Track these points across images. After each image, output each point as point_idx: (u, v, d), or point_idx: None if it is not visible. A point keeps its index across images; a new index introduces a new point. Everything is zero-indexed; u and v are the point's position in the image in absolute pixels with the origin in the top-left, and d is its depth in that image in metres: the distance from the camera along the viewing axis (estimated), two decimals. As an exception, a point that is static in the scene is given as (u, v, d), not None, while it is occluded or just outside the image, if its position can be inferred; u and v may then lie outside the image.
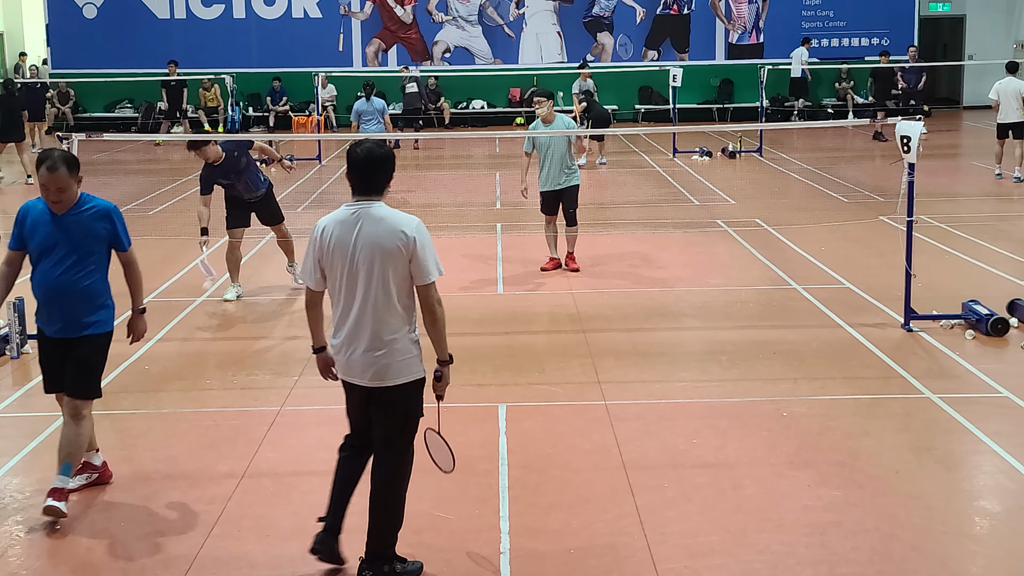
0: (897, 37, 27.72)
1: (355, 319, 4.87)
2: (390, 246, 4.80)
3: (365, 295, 4.84)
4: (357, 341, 4.88)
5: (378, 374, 4.90)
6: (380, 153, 4.94)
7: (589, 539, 5.47)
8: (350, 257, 4.84)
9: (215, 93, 26.55)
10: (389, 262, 4.81)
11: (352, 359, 4.93)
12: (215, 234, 10.97)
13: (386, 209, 4.90)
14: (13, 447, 6.78)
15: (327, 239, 4.89)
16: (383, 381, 4.90)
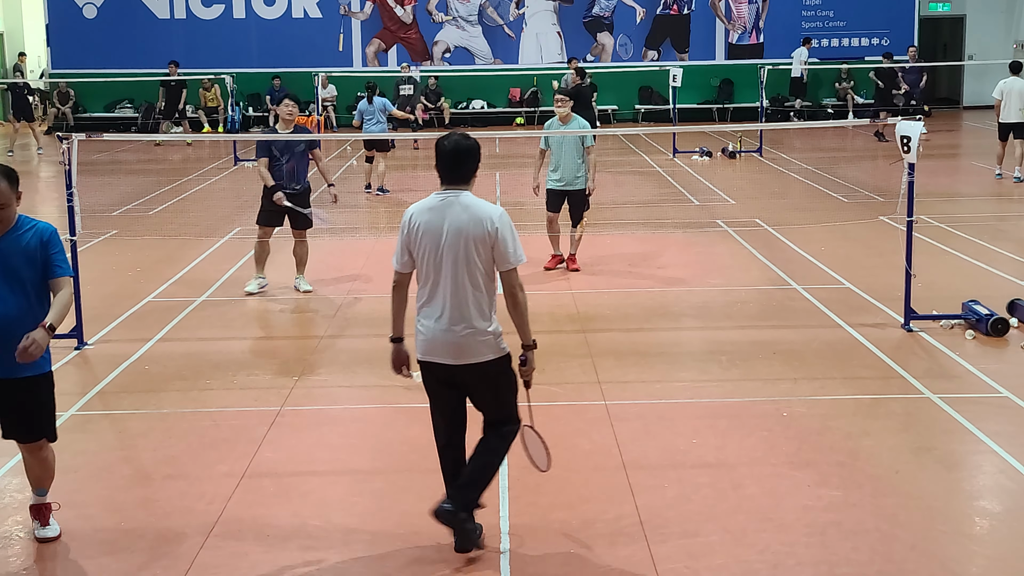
0: (897, 37, 27.73)
1: (442, 300, 5.14)
2: (476, 233, 5.10)
3: (452, 278, 5.11)
4: (443, 320, 5.13)
5: (462, 352, 5.13)
6: (467, 144, 5.24)
7: (589, 539, 5.47)
8: (439, 242, 5.12)
9: (215, 93, 26.56)
10: (474, 248, 5.10)
11: (436, 338, 5.15)
12: (216, 234, 10.97)
13: (472, 198, 5.22)
14: (13, 447, 6.72)
15: (415, 225, 5.17)
16: (467, 359, 5.14)
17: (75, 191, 8.85)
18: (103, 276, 11.27)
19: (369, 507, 5.88)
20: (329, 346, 8.92)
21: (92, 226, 13.00)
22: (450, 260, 5.11)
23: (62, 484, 6.26)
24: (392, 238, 12.64)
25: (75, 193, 8.84)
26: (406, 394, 7.69)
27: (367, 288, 10.73)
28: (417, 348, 5.26)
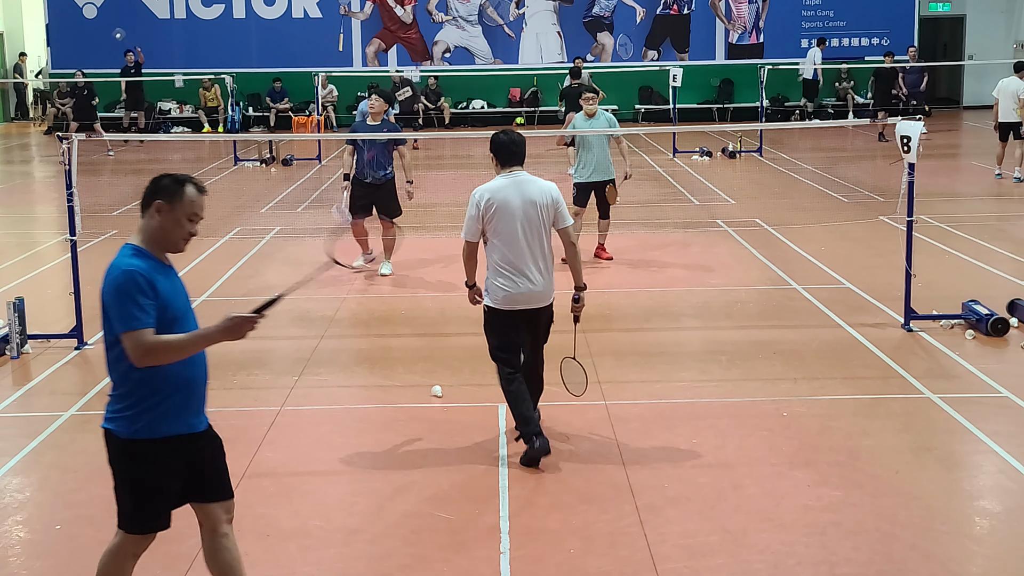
0: (897, 37, 27.72)
1: (523, 259, 6.39)
2: (542, 201, 6.40)
3: (528, 240, 6.39)
4: (525, 275, 6.41)
5: (544, 297, 6.51)
6: (519, 136, 6.55)
7: (589, 539, 5.47)
8: (516, 212, 6.35)
9: (215, 93, 26.55)
10: (543, 212, 6.40)
11: (520, 291, 6.41)
12: (216, 234, 10.99)
13: (529, 175, 6.52)
14: (13, 447, 6.77)
15: (490, 203, 6.39)
16: (546, 302, 6.54)
17: (75, 191, 8.84)
18: (103, 276, 11.24)
19: (369, 507, 5.88)
20: (329, 346, 8.91)
21: (92, 226, 12.98)
22: (526, 227, 6.38)
23: (62, 484, 6.28)
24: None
25: (75, 193, 8.84)
26: (406, 394, 7.70)
27: (367, 288, 10.72)
28: (500, 301, 6.43)
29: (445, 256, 12.24)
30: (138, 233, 4.28)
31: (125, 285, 4.11)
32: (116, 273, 4.15)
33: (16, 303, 8.57)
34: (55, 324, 9.21)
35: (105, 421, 4.27)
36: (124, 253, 4.22)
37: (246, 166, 20.73)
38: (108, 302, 4.15)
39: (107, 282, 4.16)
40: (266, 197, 16.73)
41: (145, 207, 4.26)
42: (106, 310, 4.18)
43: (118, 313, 4.11)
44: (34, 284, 11.08)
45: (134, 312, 4.08)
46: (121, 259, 4.19)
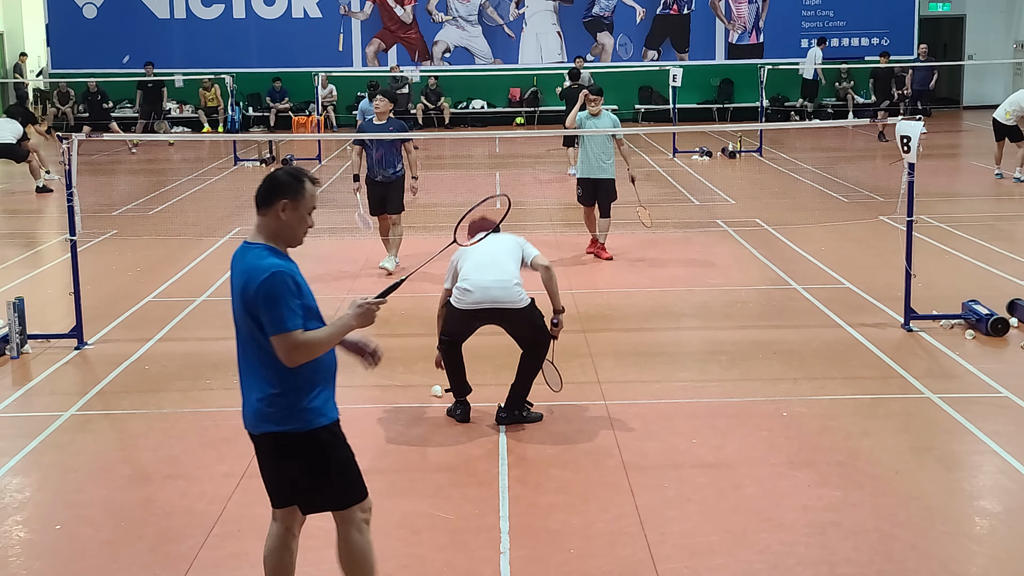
0: (897, 37, 27.72)
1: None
2: (516, 254, 7.15)
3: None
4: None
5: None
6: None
7: (589, 539, 5.47)
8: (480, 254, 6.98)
9: (215, 93, 26.55)
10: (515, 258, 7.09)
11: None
12: (216, 234, 11.00)
13: (501, 235, 6.99)
14: (13, 447, 6.78)
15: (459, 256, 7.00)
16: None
17: (75, 191, 8.84)
18: (103, 276, 11.27)
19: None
20: (329, 346, 8.91)
21: (92, 226, 13.00)
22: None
23: (62, 484, 6.28)
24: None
25: (75, 193, 8.84)
26: (406, 394, 7.70)
27: (368, 288, 10.72)
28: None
29: (445, 256, 12.24)
30: (260, 232, 4.26)
31: (277, 288, 4.11)
32: (264, 276, 4.11)
33: (16, 303, 8.58)
34: (55, 324, 9.21)
35: (267, 424, 4.25)
36: (260, 255, 4.20)
37: (246, 166, 20.73)
38: (258, 305, 4.12)
39: (256, 285, 4.12)
40: (266, 197, 16.70)
41: (267, 206, 4.25)
42: (252, 313, 4.15)
43: (270, 317, 4.11)
44: (34, 284, 11.08)
45: (286, 315, 4.10)
46: (262, 260, 4.16)
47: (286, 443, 4.28)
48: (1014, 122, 16.77)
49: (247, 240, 4.30)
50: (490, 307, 6.88)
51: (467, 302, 6.92)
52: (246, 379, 4.31)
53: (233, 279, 4.26)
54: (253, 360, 4.24)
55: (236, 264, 4.27)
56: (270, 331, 4.11)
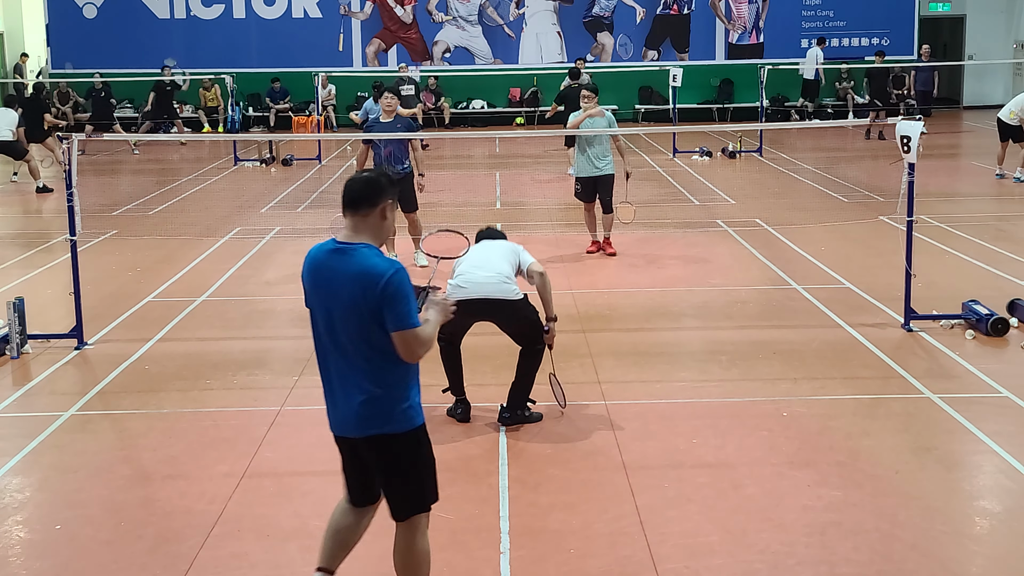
0: (897, 37, 27.73)
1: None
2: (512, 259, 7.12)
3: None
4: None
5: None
6: (492, 232, 7.29)
7: (589, 539, 5.47)
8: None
9: (215, 93, 26.55)
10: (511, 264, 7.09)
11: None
12: (216, 234, 10.99)
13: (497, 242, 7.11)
14: (13, 447, 6.78)
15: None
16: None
17: (75, 191, 8.84)
18: (103, 276, 11.27)
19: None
20: (329, 346, 8.91)
21: (92, 226, 13.00)
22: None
23: (62, 484, 6.28)
24: (398, 238, 12.55)
25: (75, 193, 8.84)
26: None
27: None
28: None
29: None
30: (362, 234, 4.28)
31: (404, 286, 4.18)
32: (391, 274, 4.15)
33: (16, 303, 8.58)
34: (55, 324, 9.21)
35: (373, 426, 4.28)
36: (374, 254, 4.23)
37: (246, 166, 20.73)
38: (383, 303, 4.14)
39: (384, 283, 4.14)
40: (266, 197, 16.73)
41: (371, 208, 4.27)
42: (371, 311, 4.16)
43: (397, 314, 4.15)
44: (34, 284, 11.08)
45: (412, 311, 4.19)
46: (381, 259, 4.21)
47: (389, 444, 4.30)
48: (1018, 122, 16.81)
49: (339, 240, 4.28)
50: (482, 299, 6.88)
51: (459, 296, 6.87)
52: (345, 383, 4.31)
53: (330, 281, 4.24)
54: (359, 362, 4.24)
55: (331, 265, 4.25)
56: (395, 327, 4.15)
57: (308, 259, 4.36)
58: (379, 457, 4.35)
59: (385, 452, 4.33)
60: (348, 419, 4.33)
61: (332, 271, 4.24)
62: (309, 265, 4.34)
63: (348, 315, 4.20)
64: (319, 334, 4.35)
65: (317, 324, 4.34)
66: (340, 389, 4.33)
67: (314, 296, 4.31)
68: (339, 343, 4.28)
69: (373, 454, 4.36)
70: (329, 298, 4.24)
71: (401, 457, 4.34)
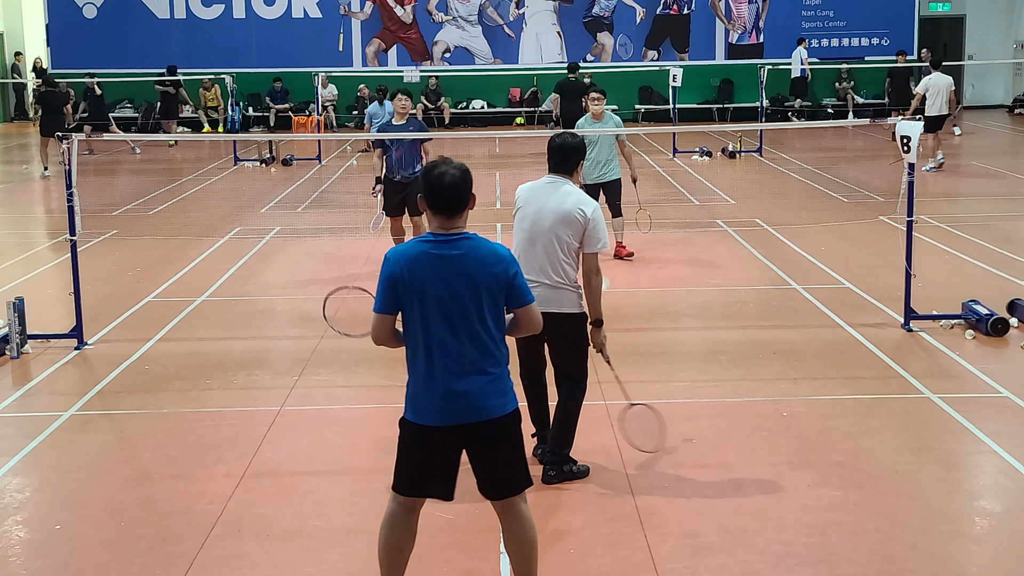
0: (897, 37, 27.74)
1: (534, 261, 6.01)
2: (573, 215, 5.94)
3: (544, 244, 6.01)
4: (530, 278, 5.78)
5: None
6: (572, 142, 6.13)
7: (589, 539, 5.47)
8: (540, 214, 6.02)
9: (215, 93, 26.55)
10: (570, 226, 5.95)
11: None
12: (216, 234, 10.98)
13: (572, 188, 6.08)
14: (13, 447, 6.77)
15: (522, 196, 6.20)
16: (559, 308, 6.09)
17: (75, 191, 8.84)
18: (103, 276, 11.27)
19: (369, 507, 5.87)
20: (329, 346, 8.90)
21: (92, 226, 12.99)
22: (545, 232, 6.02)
23: (62, 484, 6.28)
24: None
25: (75, 193, 8.84)
26: (406, 394, 7.69)
27: (368, 288, 10.72)
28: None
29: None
30: (458, 224, 4.46)
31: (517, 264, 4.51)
32: (506, 252, 4.45)
33: (16, 303, 8.57)
34: (55, 324, 9.21)
35: (493, 408, 4.45)
36: (484, 241, 4.47)
37: (246, 166, 20.73)
38: (511, 280, 4.42)
39: (508, 263, 4.42)
40: (266, 197, 16.73)
41: (468, 200, 4.46)
42: (502, 291, 4.41)
43: (521, 290, 4.46)
44: (34, 284, 11.08)
45: (528, 286, 4.57)
46: (493, 245, 4.49)
47: (507, 424, 4.50)
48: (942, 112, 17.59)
49: (444, 233, 4.41)
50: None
51: None
52: (466, 369, 4.39)
53: (448, 268, 4.36)
54: (484, 343, 4.40)
55: (455, 253, 4.37)
56: (524, 303, 4.47)
57: (407, 258, 4.42)
58: (496, 440, 4.48)
59: (500, 434, 4.49)
60: (468, 406, 4.41)
61: (444, 261, 4.38)
62: (409, 262, 4.41)
63: (473, 298, 4.37)
64: (428, 328, 4.40)
65: (428, 317, 4.40)
66: (461, 377, 4.39)
67: (427, 289, 4.38)
68: (458, 332, 4.38)
69: (486, 438, 4.47)
70: (447, 286, 4.36)
71: (513, 437, 4.54)
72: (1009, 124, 27.03)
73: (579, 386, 6.23)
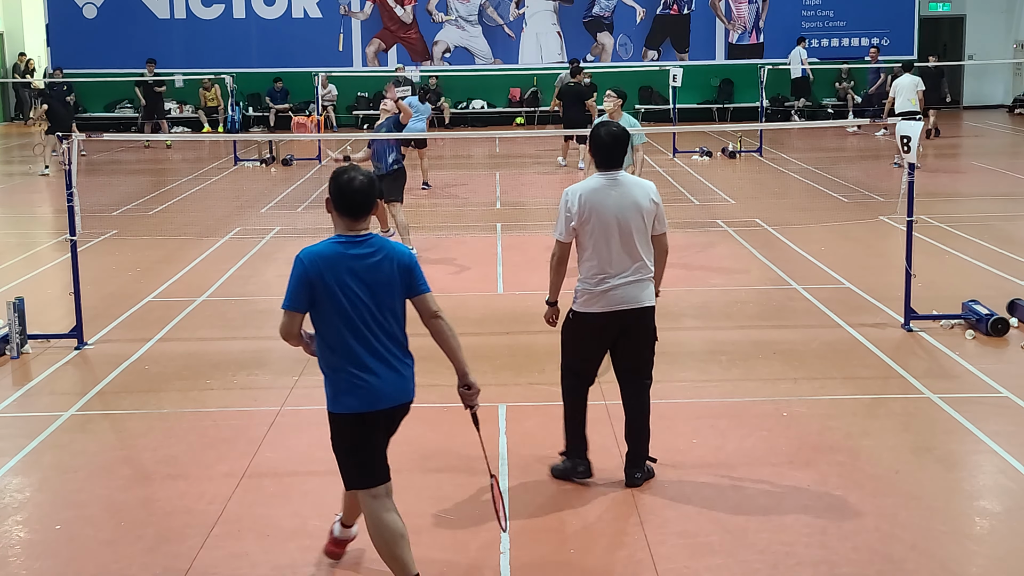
0: (897, 37, 27.74)
1: (614, 260, 6.09)
2: (645, 204, 6.02)
3: (623, 240, 6.03)
4: (614, 276, 6.16)
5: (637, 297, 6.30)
6: (619, 133, 6.07)
7: (589, 539, 5.47)
8: (609, 214, 5.98)
9: (215, 93, 26.55)
10: (644, 215, 6.04)
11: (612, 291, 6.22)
12: (216, 234, 10.95)
13: (631, 177, 6.16)
14: (13, 447, 6.78)
15: (583, 204, 5.99)
16: (642, 302, 6.32)
17: (75, 191, 8.84)
18: (103, 276, 11.27)
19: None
20: (329, 346, 8.91)
21: (92, 226, 13.00)
22: (620, 227, 6.03)
23: (62, 484, 6.28)
24: (397, 238, 12.50)
25: (75, 193, 8.84)
26: (406, 394, 7.69)
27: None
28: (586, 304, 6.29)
29: (445, 256, 12.25)
30: (368, 224, 4.83)
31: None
32: (406, 248, 4.93)
33: (16, 303, 8.58)
34: (55, 324, 9.21)
35: (410, 392, 5.01)
36: (387, 239, 4.86)
37: (246, 166, 20.74)
38: (413, 272, 4.83)
39: (408, 258, 4.82)
40: (266, 197, 16.73)
41: (374, 203, 4.77)
42: (408, 280, 4.81)
43: (420, 279, 4.86)
44: (34, 284, 11.08)
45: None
46: (393, 241, 4.94)
47: (407, 411, 5.02)
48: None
49: (360, 235, 4.68)
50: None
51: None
52: (395, 354, 4.82)
53: (363, 266, 4.63)
54: (395, 334, 4.79)
55: (368, 251, 4.66)
56: (420, 292, 4.81)
57: (322, 258, 4.61)
58: (398, 423, 4.99)
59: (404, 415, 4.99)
60: (404, 387, 4.88)
61: (367, 258, 4.66)
62: (326, 261, 4.61)
63: (393, 291, 4.73)
64: (363, 318, 4.67)
65: (357, 309, 4.64)
66: (393, 362, 4.80)
67: (345, 287, 4.61)
68: (378, 322, 4.71)
69: (399, 421, 4.99)
70: (367, 281, 4.65)
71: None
72: (1009, 124, 27.04)
73: (649, 382, 6.48)
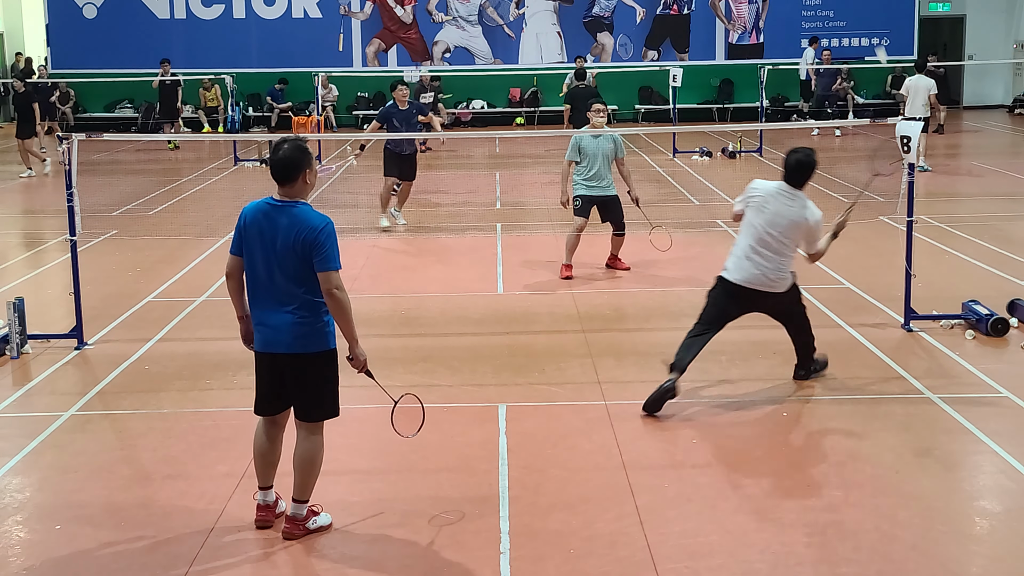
0: (897, 37, 27.73)
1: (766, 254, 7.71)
2: (808, 227, 7.87)
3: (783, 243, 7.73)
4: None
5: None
6: (808, 160, 7.49)
7: (589, 539, 5.47)
8: (778, 217, 7.62)
9: (215, 93, 26.55)
10: (802, 233, 7.83)
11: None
12: (216, 234, 10.93)
13: (807, 201, 7.65)
14: (13, 447, 6.78)
15: (759, 199, 7.60)
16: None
17: (75, 191, 8.84)
18: (103, 276, 11.27)
19: (369, 507, 5.88)
20: (329, 346, 8.91)
21: (92, 226, 13.00)
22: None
23: (62, 484, 6.28)
24: (397, 237, 12.59)
25: (75, 193, 8.84)
26: (406, 394, 7.69)
27: (367, 288, 10.72)
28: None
29: (445, 256, 12.25)
30: (286, 195, 5.56)
31: (334, 233, 5.46)
32: (322, 223, 5.39)
33: (16, 303, 8.58)
34: (55, 324, 9.21)
35: (299, 345, 5.36)
36: (311, 210, 5.47)
37: (246, 166, 20.74)
38: (317, 246, 5.31)
39: (315, 232, 5.32)
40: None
41: (299, 173, 5.57)
42: (311, 252, 5.31)
43: (325, 257, 5.31)
44: (34, 284, 11.08)
45: (337, 255, 5.42)
46: (316, 213, 5.46)
47: (311, 360, 5.34)
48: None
49: (281, 200, 5.41)
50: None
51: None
52: (287, 309, 5.29)
53: (271, 226, 5.32)
54: (292, 290, 5.26)
55: (281, 216, 5.35)
56: (321, 268, 5.24)
57: (251, 211, 5.44)
58: (299, 371, 5.36)
59: (304, 367, 5.35)
60: (281, 339, 5.33)
61: (267, 222, 5.35)
62: (251, 214, 5.42)
63: (287, 255, 5.26)
64: (263, 272, 5.33)
65: (259, 264, 5.33)
66: (274, 313, 5.33)
67: (255, 239, 5.34)
68: (271, 277, 5.30)
69: (290, 367, 5.36)
70: (263, 242, 5.32)
71: (317, 371, 5.38)
72: (1009, 124, 27.04)
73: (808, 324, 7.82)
